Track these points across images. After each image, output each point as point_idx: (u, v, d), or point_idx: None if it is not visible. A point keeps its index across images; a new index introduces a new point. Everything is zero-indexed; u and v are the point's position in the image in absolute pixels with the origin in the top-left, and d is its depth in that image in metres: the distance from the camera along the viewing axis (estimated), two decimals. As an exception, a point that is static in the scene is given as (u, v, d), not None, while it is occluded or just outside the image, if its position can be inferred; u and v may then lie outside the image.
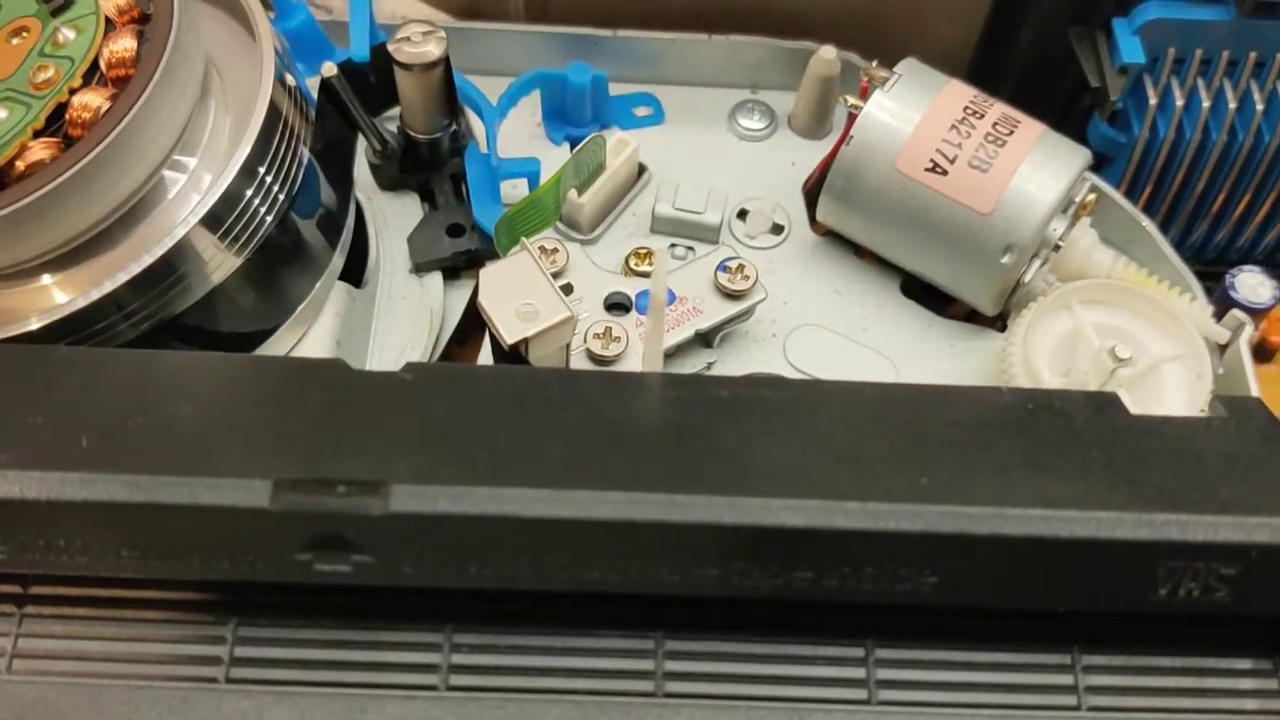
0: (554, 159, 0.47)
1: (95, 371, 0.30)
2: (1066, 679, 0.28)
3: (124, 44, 0.35)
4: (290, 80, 0.39)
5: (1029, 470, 0.29)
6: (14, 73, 0.35)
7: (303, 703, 0.27)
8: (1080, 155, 0.42)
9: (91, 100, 0.34)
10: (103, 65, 0.35)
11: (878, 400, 0.32)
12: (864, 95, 0.43)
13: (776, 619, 0.28)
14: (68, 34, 0.36)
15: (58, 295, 0.35)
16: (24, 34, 0.36)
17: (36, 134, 0.34)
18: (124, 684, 0.27)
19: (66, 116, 0.34)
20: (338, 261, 0.42)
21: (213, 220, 0.35)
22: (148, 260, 0.34)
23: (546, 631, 0.28)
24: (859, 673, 0.28)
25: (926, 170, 0.42)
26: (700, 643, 0.28)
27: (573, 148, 0.45)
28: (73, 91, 0.35)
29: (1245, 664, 0.28)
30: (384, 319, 0.44)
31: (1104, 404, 0.32)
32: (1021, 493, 0.27)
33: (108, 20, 0.36)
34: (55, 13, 0.36)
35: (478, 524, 0.26)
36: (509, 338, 0.36)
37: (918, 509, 0.27)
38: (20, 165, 0.34)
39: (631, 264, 0.44)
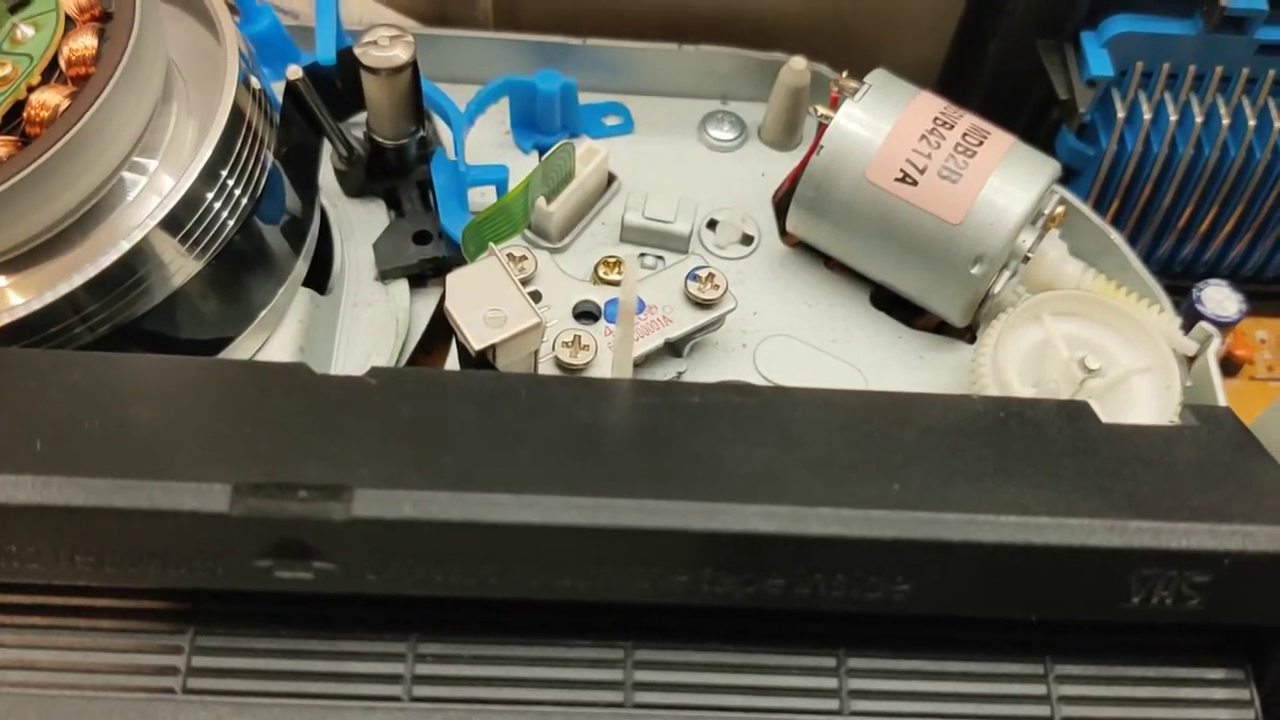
0: (522, 167, 0.47)
1: (50, 374, 0.29)
2: (1039, 689, 0.28)
3: (84, 42, 0.34)
4: (255, 83, 0.38)
5: (1001, 477, 0.28)
6: (-30, 70, 0.34)
7: (262, 714, 0.26)
8: (1050, 167, 0.42)
9: (50, 98, 0.34)
10: (62, 63, 0.35)
11: (850, 407, 0.32)
12: (834, 106, 0.43)
13: (747, 628, 0.28)
14: (26, 31, 0.35)
15: (13, 297, 0.34)
16: (-19, 31, 0.35)
17: (-7, 132, 0.34)
18: (78, 695, 0.26)
19: (24, 114, 0.34)
20: (301, 268, 0.41)
21: (173, 223, 0.35)
22: (105, 262, 0.33)
23: (513, 641, 0.28)
24: (831, 682, 0.28)
25: (896, 180, 0.42)
26: (670, 652, 0.28)
27: (541, 156, 0.45)
28: (31, 89, 0.34)
29: (1218, 673, 0.28)
30: (349, 327, 0.43)
31: (1076, 412, 0.31)
32: (994, 500, 0.27)
33: (68, 18, 0.35)
34: (14, 9, 0.35)
35: (443, 530, 0.26)
36: (476, 344, 0.35)
37: (890, 515, 0.26)
38: (-25, 164, 0.33)
39: (600, 273, 0.44)
